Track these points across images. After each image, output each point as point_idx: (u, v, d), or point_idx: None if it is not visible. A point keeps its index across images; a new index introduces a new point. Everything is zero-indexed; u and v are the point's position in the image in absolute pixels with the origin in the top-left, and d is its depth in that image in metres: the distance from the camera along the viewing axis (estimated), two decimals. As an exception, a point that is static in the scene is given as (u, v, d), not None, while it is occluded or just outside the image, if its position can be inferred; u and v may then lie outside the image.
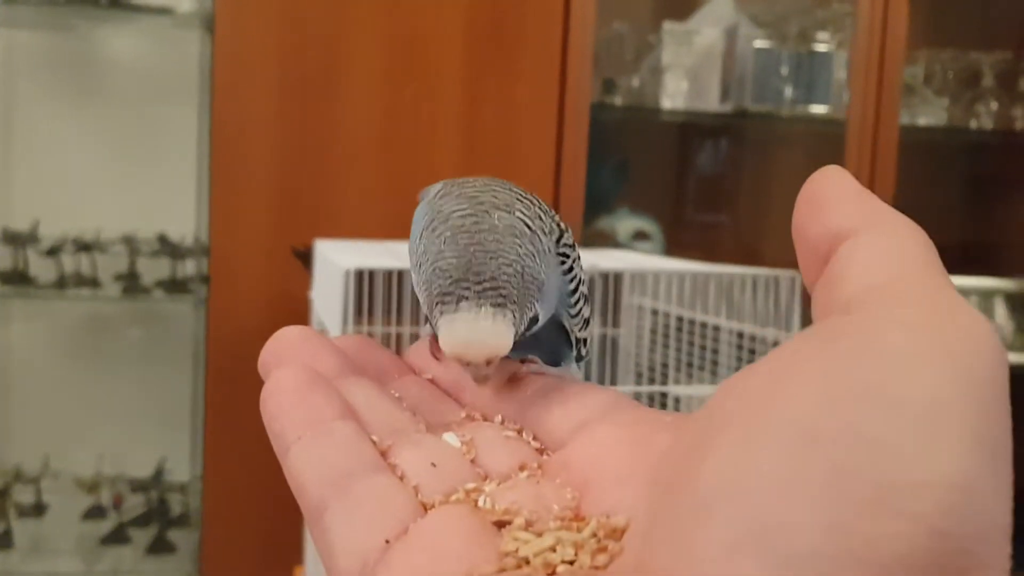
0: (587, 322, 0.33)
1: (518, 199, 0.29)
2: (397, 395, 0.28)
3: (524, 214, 0.28)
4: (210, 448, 1.47)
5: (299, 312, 1.23)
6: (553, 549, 0.20)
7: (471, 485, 0.23)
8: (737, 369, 1.09)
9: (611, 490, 0.22)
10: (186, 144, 1.63)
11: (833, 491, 0.15)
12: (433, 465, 0.24)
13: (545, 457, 0.25)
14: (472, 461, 0.25)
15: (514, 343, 0.28)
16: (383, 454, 0.24)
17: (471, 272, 0.27)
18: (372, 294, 0.79)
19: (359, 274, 0.75)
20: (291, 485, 0.23)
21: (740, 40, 1.64)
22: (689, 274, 1.07)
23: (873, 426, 0.15)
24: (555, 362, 0.33)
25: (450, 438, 0.26)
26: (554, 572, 0.20)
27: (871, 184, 1.58)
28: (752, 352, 1.07)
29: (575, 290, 0.32)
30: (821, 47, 1.65)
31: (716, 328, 1.09)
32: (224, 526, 1.48)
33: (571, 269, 0.31)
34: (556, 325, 0.32)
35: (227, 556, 1.48)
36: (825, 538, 0.14)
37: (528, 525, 0.21)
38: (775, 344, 1.03)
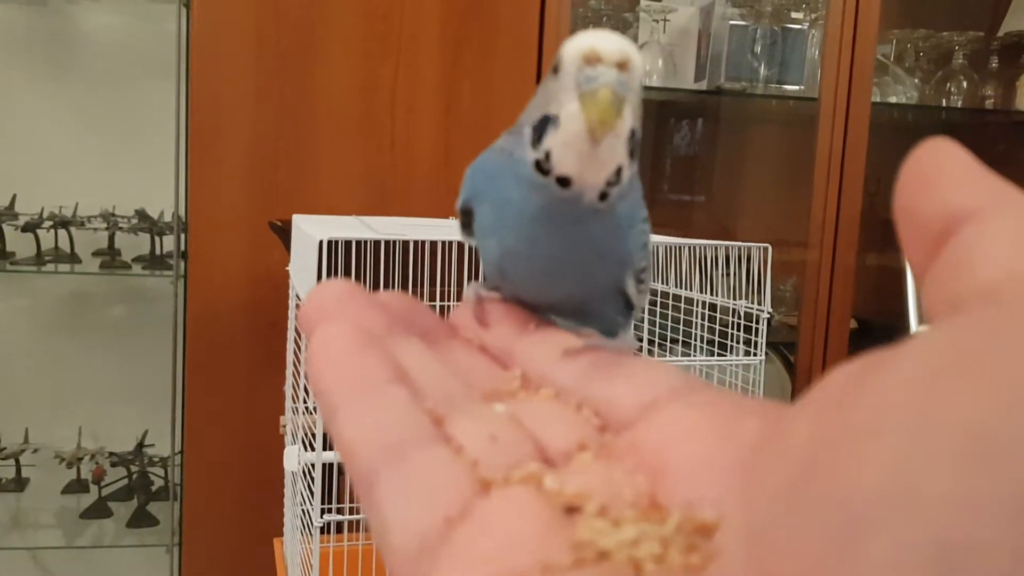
0: (647, 290, 0.32)
1: None
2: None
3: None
4: (190, 422, 1.48)
5: (278, 288, 1.24)
6: (636, 543, 0.18)
7: (535, 464, 0.21)
8: (711, 342, 1.11)
9: (690, 480, 0.20)
10: (164, 119, 1.62)
11: None
12: (493, 439, 0.22)
13: (608, 437, 0.23)
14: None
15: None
16: (437, 423, 0.22)
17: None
18: (347, 265, 0.79)
19: (333, 244, 0.75)
20: (339, 449, 0.21)
21: (715, 18, 1.65)
22: (663, 247, 1.08)
23: None
24: (610, 333, 0.31)
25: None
26: (639, 570, 0.17)
27: (842, 161, 1.61)
28: (725, 325, 1.08)
29: (645, 244, 0.30)
30: (795, 25, 1.67)
31: (690, 301, 1.11)
32: (205, 499, 1.49)
33: (646, 219, 0.30)
34: (612, 292, 0.31)
35: (208, 529, 1.49)
36: (1016, 564, 0.13)
37: (602, 513, 0.19)
38: (747, 316, 1.05)
